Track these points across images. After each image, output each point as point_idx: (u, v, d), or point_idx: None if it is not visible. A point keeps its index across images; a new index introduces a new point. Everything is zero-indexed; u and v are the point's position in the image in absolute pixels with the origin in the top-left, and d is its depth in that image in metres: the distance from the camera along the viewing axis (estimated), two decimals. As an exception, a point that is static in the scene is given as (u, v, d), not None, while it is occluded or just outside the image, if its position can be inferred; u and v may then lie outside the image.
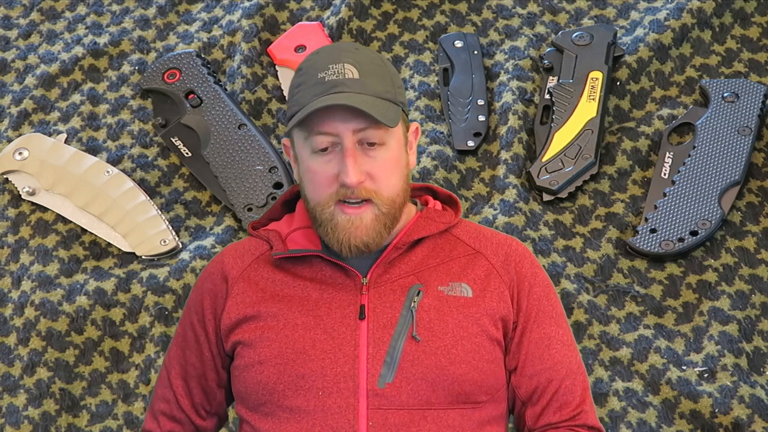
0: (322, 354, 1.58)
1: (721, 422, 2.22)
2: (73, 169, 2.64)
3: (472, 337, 1.60)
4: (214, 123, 2.67)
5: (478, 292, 1.63)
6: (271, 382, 1.59)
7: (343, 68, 1.60)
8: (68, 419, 2.36)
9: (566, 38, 2.76)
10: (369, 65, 1.61)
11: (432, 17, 2.89)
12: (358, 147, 1.58)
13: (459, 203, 1.72)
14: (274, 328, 1.61)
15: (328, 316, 1.61)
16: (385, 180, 1.60)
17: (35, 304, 2.48)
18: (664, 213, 2.48)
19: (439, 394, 1.57)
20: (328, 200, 1.60)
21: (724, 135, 2.58)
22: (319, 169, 1.60)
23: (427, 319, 1.60)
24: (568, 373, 1.66)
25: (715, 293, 2.41)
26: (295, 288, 1.64)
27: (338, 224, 1.60)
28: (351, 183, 1.57)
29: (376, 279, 1.63)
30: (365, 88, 1.58)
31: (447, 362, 1.58)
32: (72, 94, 2.82)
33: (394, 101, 1.61)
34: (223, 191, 2.60)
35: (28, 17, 2.99)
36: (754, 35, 2.80)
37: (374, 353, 1.58)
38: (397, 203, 1.62)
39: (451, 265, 1.65)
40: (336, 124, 1.57)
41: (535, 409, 1.64)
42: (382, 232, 1.60)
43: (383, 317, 1.60)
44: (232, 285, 1.67)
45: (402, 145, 1.63)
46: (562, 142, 2.60)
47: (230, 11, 2.92)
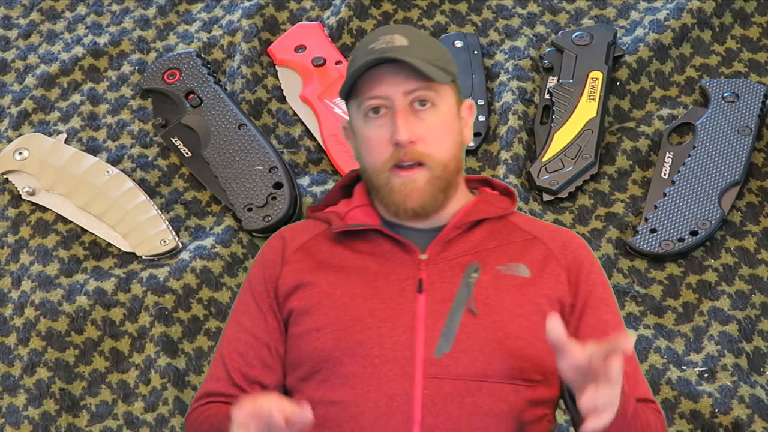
0: (380, 322, 1.60)
1: (721, 422, 2.22)
2: (73, 169, 2.64)
3: (529, 314, 1.61)
4: (214, 123, 2.67)
5: (536, 273, 1.65)
6: (327, 349, 1.60)
7: (392, 38, 1.64)
8: (68, 419, 2.36)
9: (566, 38, 2.76)
10: (419, 37, 1.67)
11: (432, 17, 2.89)
12: (409, 109, 1.62)
13: (515, 195, 1.75)
14: (331, 295, 1.63)
15: (386, 287, 1.63)
16: (437, 142, 1.63)
17: (35, 304, 2.48)
18: (664, 213, 2.48)
19: (495, 367, 1.58)
20: (383, 166, 1.63)
21: (724, 135, 2.58)
22: (373, 135, 1.64)
23: (484, 294, 1.62)
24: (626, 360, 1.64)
25: (715, 293, 2.41)
26: (353, 260, 1.66)
27: (393, 188, 1.63)
28: (402, 139, 1.60)
29: (435, 256, 1.64)
30: (415, 54, 1.62)
31: (504, 336, 1.59)
32: (72, 94, 2.82)
33: (444, 69, 1.65)
34: (223, 191, 2.60)
35: (28, 17, 2.99)
36: (754, 35, 2.80)
37: (432, 325, 1.59)
38: (450, 168, 1.64)
39: (508, 248, 1.67)
40: (386, 87, 1.62)
41: None
42: (438, 195, 1.64)
43: (441, 291, 1.62)
44: (291, 254, 1.70)
45: (454, 112, 1.67)
46: (562, 142, 2.60)
47: (230, 11, 2.92)
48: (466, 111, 1.72)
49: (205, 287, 2.47)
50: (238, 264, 2.51)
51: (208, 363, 2.40)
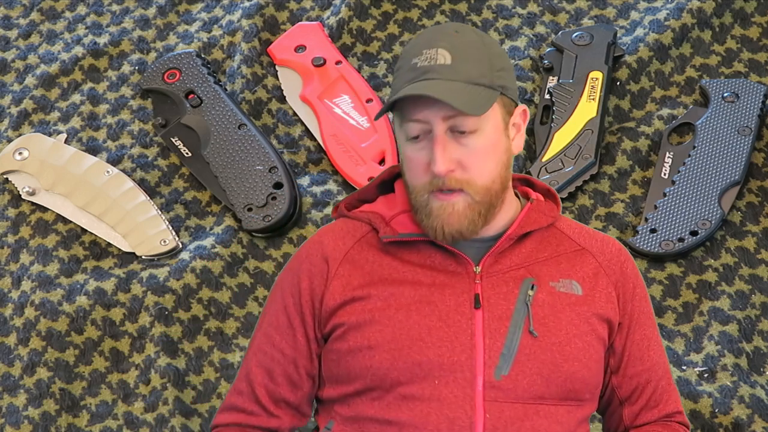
0: (439, 342, 1.56)
1: (721, 422, 2.22)
2: (73, 169, 2.64)
3: (584, 335, 1.60)
4: (214, 123, 2.67)
5: (587, 291, 1.63)
6: (384, 368, 1.56)
7: (436, 53, 1.57)
8: (68, 419, 2.36)
9: (566, 38, 2.76)
10: (465, 49, 1.57)
11: (432, 17, 2.89)
12: (449, 134, 1.56)
13: (557, 196, 1.71)
14: (385, 311, 1.58)
15: (441, 303, 1.58)
16: (478, 168, 1.57)
17: (35, 304, 2.48)
18: (664, 213, 2.48)
19: (552, 389, 1.57)
20: (422, 189, 1.58)
21: (724, 135, 2.58)
22: (414, 157, 1.58)
23: (541, 314, 1.59)
24: (664, 373, 1.69)
25: (715, 293, 2.41)
26: (404, 272, 1.61)
27: (432, 211, 1.57)
28: (439, 172, 1.55)
29: (488, 269, 1.61)
30: (457, 74, 1.55)
31: (561, 359, 1.58)
32: (72, 94, 2.82)
33: (489, 86, 1.57)
34: (223, 191, 2.60)
35: (28, 17, 2.99)
36: (754, 35, 2.80)
37: (491, 344, 1.56)
38: (494, 191, 1.59)
39: (559, 260, 1.64)
40: (426, 112, 1.56)
41: (634, 408, 1.67)
42: (476, 220, 1.58)
43: (498, 308, 1.58)
44: (336, 266, 1.63)
45: (500, 130, 1.59)
46: (562, 142, 2.60)
47: (230, 11, 2.92)
48: (519, 117, 1.64)
49: (205, 287, 2.47)
50: (238, 264, 2.51)
51: (208, 363, 2.40)
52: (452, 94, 1.54)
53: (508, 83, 1.60)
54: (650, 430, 1.67)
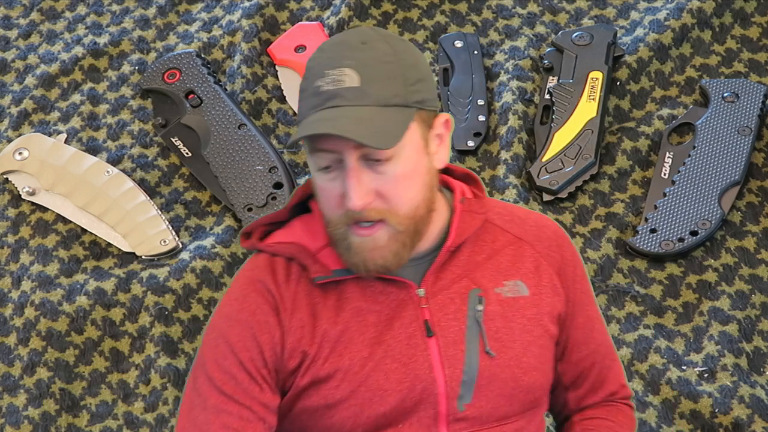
0: (398, 386, 1.47)
1: (721, 422, 2.22)
2: (73, 169, 2.64)
3: (538, 340, 1.54)
4: (214, 123, 2.67)
5: (533, 289, 1.55)
6: (346, 427, 1.48)
7: (341, 75, 1.41)
8: (68, 419, 2.36)
9: (566, 38, 2.76)
10: (374, 66, 1.42)
11: (432, 17, 2.89)
12: (363, 163, 1.41)
13: (479, 180, 1.59)
14: (340, 366, 1.47)
15: (393, 340, 1.48)
16: (398, 197, 1.43)
17: (35, 304, 2.48)
18: (664, 213, 2.48)
19: (515, 406, 1.53)
20: (338, 222, 1.45)
21: (724, 135, 2.58)
22: (327, 188, 1.44)
23: (494, 328, 1.51)
24: (608, 351, 1.64)
25: (715, 293, 2.41)
26: (349, 315, 1.49)
27: (351, 246, 1.44)
28: (354, 207, 1.41)
29: (431, 288, 1.51)
30: (366, 97, 1.40)
31: (520, 372, 1.52)
32: (72, 94, 2.82)
33: (404, 104, 1.42)
34: (223, 191, 2.60)
35: (28, 17, 2.99)
36: (754, 35, 2.80)
37: (450, 374, 1.48)
38: (418, 217, 1.45)
39: (498, 260, 1.55)
40: (335, 142, 1.40)
41: (579, 393, 1.63)
42: (401, 252, 1.45)
43: (451, 332, 1.49)
44: (288, 319, 1.50)
45: (419, 150, 1.45)
46: (562, 142, 2.60)
47: (230, 11, 2.92)
48: (442, 127, 1.49)
49: (205, 287, 2.47)
50: (238, 264, 2.51)
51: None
52: (361, 126, 1.38)
53: (425, 95, 1.45)
54: (595, 414, 1.63)
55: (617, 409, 1.65)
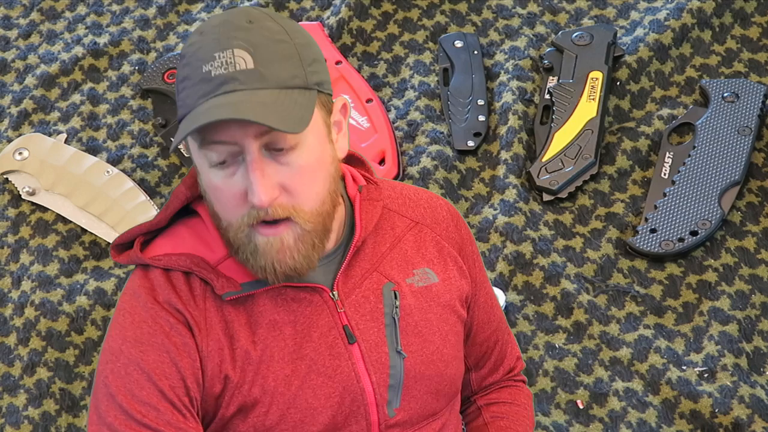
0: (327, 401, 1.40)
1: (721, 422, 2.22)
2: (73, 169, 2.64)
3: (453, 327, 1.50)
4: (214, 123, 2.67)
5: (441, 275, 1.49)
6: None
7: (232, 56, 1.27)
8: (68, 419, 2.36)
9: (566, 38, 2.76)
10: (267, 45, 1.29)
11: (432, 17, 2.89)
12: (265, 154, 1.30)
13: (365, 160, 1.51)
14: (265, 389, 1.38)
15: (314, 352, 1.40)
16: (305, 191, 1.32)
17: (35, 304, 2.48)
18: (664, 213, 2.48)
19: (441, 400, 1.50)
20: (241, 224, 1.32)
21: (724, 135, 2.58)
22: (224, 187, 1.31)
23: (412, 323, 1.45)
24: (505, 326, 1.62)
25: (715, 293, 2.41)
26: (266, 330, 1.39)
27: (258, 248, 1.33)
28: (261, 203, 1.29)
29: (343, 288, 1.42)
30: (263, 80, 1.28)
31: (443, 366, 1.48)
32: (72, 94, 2.82)
33: (305, 86, 1.31)
34: (223, 191, 2.60)
35: (28, 17, 2.99)
36: (754, 35, 2.80)
37: (378, 380, 1.43)
38: (325, 212, 1.36)
39: (402, 248, 1.48)
40: (233, 131, 1.27)
41: (482, 373, 1.61)
42: (311, 253, 1.35)
43: (371, 334, 1.43)
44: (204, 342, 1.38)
45: (323, 137, 1.35)
46: (562, 142, 2.60)
47: (230, 11, 2.92)
48: (339, 113, 1.40)
49: (205, 287, 2.47)
50: (238, 264, 2.51)
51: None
52: (266, 110, 1.26)
53: (323, 77, 1.34)
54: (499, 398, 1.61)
55: (518, 390, 1.64)
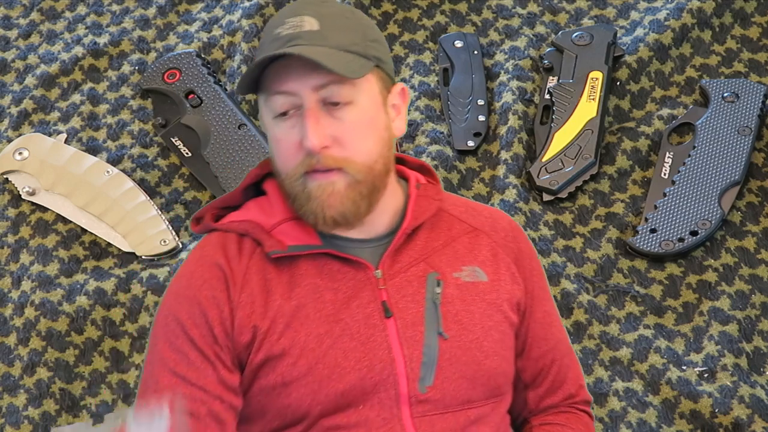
0: (357, 364, 1.44)
1: (721, 422, 2.22)
2: (73, 169, 2.64)
3: (498, 325, 1.52)
4: (214, 123, 2.67)
5: (492, 275, 1.53)
6: (304, 405, 1.44)
7: (301, 21, 1.42)
8: (68, 419, 2.36)
9: (566, 38, 2.76)
10: (334, 17, 1.43)
11: (432, 17, 2.89)
12: (321, 107, 1.41)
13: (433, 171, 1.59)
14: (295, 342, 1.44)
15: (351, 319, 1.45)
16: (356, 144, 1.42)
17: (35, 304, 2.48)
18: (664, 213, 2.48)
19: (478, 391, 1.49)
20: (296, 171, 1.43)
21: (724, 135, 2.58)
22: (283, 137, 1.43)
23: (453, 311, 1.49)
24: (567, 350, 1.62)
25: (715, 293, 2.41)
26: (304, 291, 1.46)
27: (311, 193, 1.43)
28: (312, 147, 1.39)
29: (388, 270, 1.48)
30: (326, 41, 1.41)
31: (482, 356, 1.49)
32: (72, 94, 2.82)
33: (363, 54, 1.43)
34: (223, 191, 2.60)
35: (28, 17, 2.99)
36: (754, 35, 2.80)
37: (410, 354, 1.45)
38: (376, 171, 1.44)
39: (456, 246, 1.54)
40: (292, 82, 1.41)
41: (538, 392, 1.60)
42: (359, 202, 1.44)
43: (408, 313, 1.47)
44: (237, 293, 1.46)
45: (378, 104, 1.45)
46: (562, 142, 2.60)
47: (230, 11, 2.92)
48: (398, 97, 1.49)
49: (205, 287, 2.47)
50: (238, 264, 2.51)
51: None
52: (323, 56, 1.38)
53: (383, 56, 1.46)
54: (554, 420, 1.60)
55: (577, 417, 1.62)
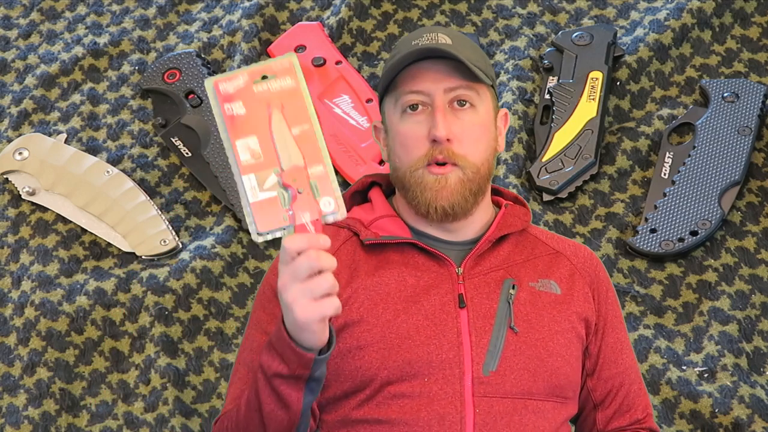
0: (427, 340, 1.56)
1: (721, 422, 2.22)
2: (73, 169, 2.64)
3: (564, 332, 1.62)
4: (214, 123, 2.67)
5: (565, 290, 1.65)
6: (373, 368, 1.55)
7: (437, 36, 1.62)
8: (68, 419, 2.36)
9: (566, 38, 2.76)
10: (462, 39, 1.64)
11: (432, 17, 2.89)
12: (448, 107, 1.60)
13: (527, 204, 1.73)
14: (372, 310, 1.58)
15: (427, 302, 1.58)
16: (473, 144, 1.61)
17: (35, 304, 2.48)
18: (664, 213, 2.48)
19: (539, 384, 1.58)
20: (418, 162, 1.60)
21: (724, 135, 2.58)
22: (410, 131, 1.61)
23: (524, 311, 1.60)
24: (636, 377, 1.70)
25: (715, 293, 2.41)
26: (389, 273, 1.61)
27: (426, 185, 1.60)
28: (440, 135, 1.58)
29: (469, 270, 1.62)
30: (459, 53, 1.60)
31: (546, 354, 1.59)
32: (72, 94, 2.82)
33: (485, 71, 1.62)
34: (223, 191, 2.60)
35: (28, 17, 2.99)
36: (754, 35, 2.80)
37: (477, 341, 1.57)
38: (482, 172, 1.63)
39: (536, 262, 1.66)
40: (427, 83, 1.60)
41: (607, 413, 1.68)
42: (468, 197, 1.61)
43: (482, 307, 1.59)
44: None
45: (491, 117, 1.65)
46: (562, 142, 2.60)
47: (230, 11, 2.92)
48: (501, 120, 1.70)
49: (205, 287, 2.48)
50: (238, 264, 2.51)
51: (208, 363, 2.40)
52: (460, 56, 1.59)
53: (494, 80, 1.67)
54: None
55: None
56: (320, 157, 1.34)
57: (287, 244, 1.34)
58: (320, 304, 1.34)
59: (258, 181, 1.34)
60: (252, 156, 1.35)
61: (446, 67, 1.61)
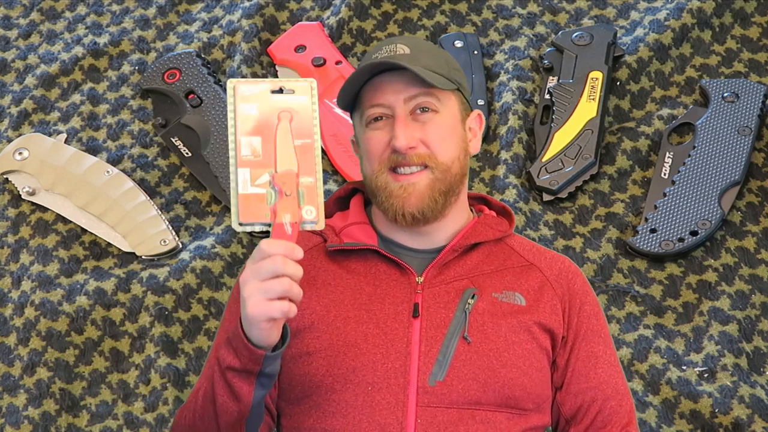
0: (374, 348, 1.57)
1: (721, 422, 2.22)
2: (73, 169, 2.64)
3: (523, 343, 1.60)
4: (214, 123, 2.67)
5: (531, 302, 1.64)
6: (319, 375, 1.57)
7: (395, 47, 1.64)
8: (68, 419, 2.36)
9: (566, 38, 2.76)
10: (422, 45, 1.66)
11: (432, 17, 2.89)
12: (409, 116, 1.62)
13: (513, 215, 1.72)
14: (324, 318, 1.59)
15: (380, 311, 1.59)
16: (440, 144, 1.61)
17: (35, 304, 2.48)
18: (664, 213, 2.49)
19: (489, 395, 1.57)
20: (380, 168, 1.62)
21: (724, 135, 2.58)
22: (372, 138, 1.63)
23: (480, 321, 1.60)
24: (614, 393, 1.65)
25: (715, 293, 2.41)
26: (348, 280, 1.63)
27: (392, 192, 1.61)
28: (400, 146, 1.59)
29: (431, 279, 1.62)
30: (417, 62, 1.61)
31: (499, 365, 1.58)
32: (72, 94, 2.82)
33: (446, 77, 1.64)
34: (223, 191, 2.60)
35: (28, 17, 2.99)
36: (754, 35, 2.80)
37: (426, 351, 1.57)
38: (453, 171, 1.63)
39: (505, 273, 1.66)
40: (387, 95, 1.62)
41: (578, 428, 1.65)
42: (438, 199, 1.61)
43: (437, 317, 1.59)
44: None
45: (457, 120, 1.65)
46: (562, 142, 2.60)
47: (230, 11, 2.92)
48: (474, 121, 1.71)
49: (205, 287, 2.48)
50: (238, 264, 2.51)
51: (208, 363, 2.40)
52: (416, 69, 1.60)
53: (462, 83, 1.68)
54: None
55: None
56: (313, 171, 1.41)
57: (264, 245, 1.38)
58: (270, 304, 1.38)
59: (251, 176, 1.40)
60: (252, 153, 1.41)
61: (404, 77, 1.62)
